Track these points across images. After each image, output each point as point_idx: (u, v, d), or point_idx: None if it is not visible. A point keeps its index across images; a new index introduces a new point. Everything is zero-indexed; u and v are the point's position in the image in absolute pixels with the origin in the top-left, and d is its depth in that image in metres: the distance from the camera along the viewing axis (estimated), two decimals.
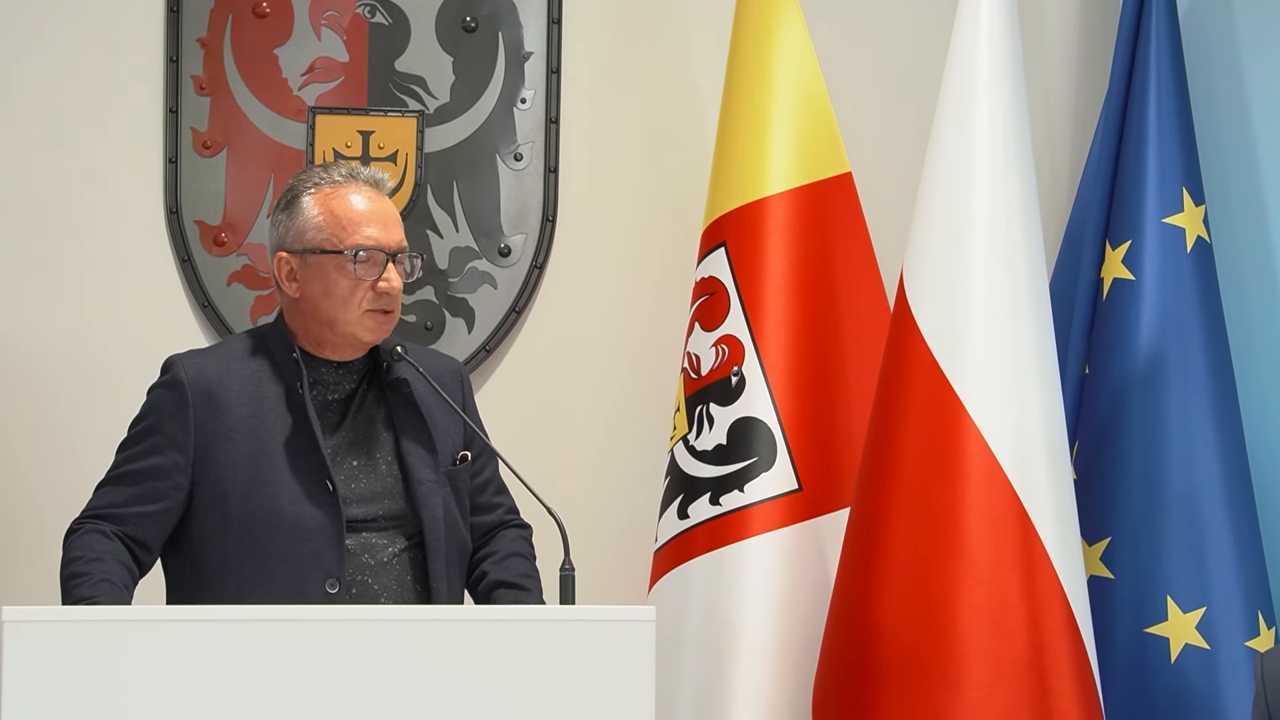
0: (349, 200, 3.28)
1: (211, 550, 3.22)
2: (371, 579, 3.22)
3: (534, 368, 4.13)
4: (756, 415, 3.81)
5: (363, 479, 3.26)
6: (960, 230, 3.64)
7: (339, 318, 3.26)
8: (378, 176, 3.33)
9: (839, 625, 3.67)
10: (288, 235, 3.29)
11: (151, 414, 3.27)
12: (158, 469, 3.22)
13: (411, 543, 3.27)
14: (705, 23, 4.16)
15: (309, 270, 3.27)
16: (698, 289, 3.93)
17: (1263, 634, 3.77)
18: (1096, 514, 3.84)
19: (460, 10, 4.13)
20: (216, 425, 3.23)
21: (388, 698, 2.73)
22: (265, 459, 3.22)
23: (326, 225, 3.26)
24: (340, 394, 3.30)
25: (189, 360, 3.29)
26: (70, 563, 3.15)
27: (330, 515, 3.20)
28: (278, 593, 3.16)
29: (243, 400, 3.25)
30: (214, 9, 4.07)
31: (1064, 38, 4.31)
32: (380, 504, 3.26)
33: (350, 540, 3.21)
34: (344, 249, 3.25)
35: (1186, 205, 3.92)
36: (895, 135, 4.15)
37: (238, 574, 3.19)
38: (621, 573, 4.00)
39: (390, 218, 3.29)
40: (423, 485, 3.27)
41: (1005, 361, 3.59)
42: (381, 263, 3.25)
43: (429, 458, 3.30)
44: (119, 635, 2.70)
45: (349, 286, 3.25)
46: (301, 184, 3.31)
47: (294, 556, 3.19)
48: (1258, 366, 4.00)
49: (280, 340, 3.30)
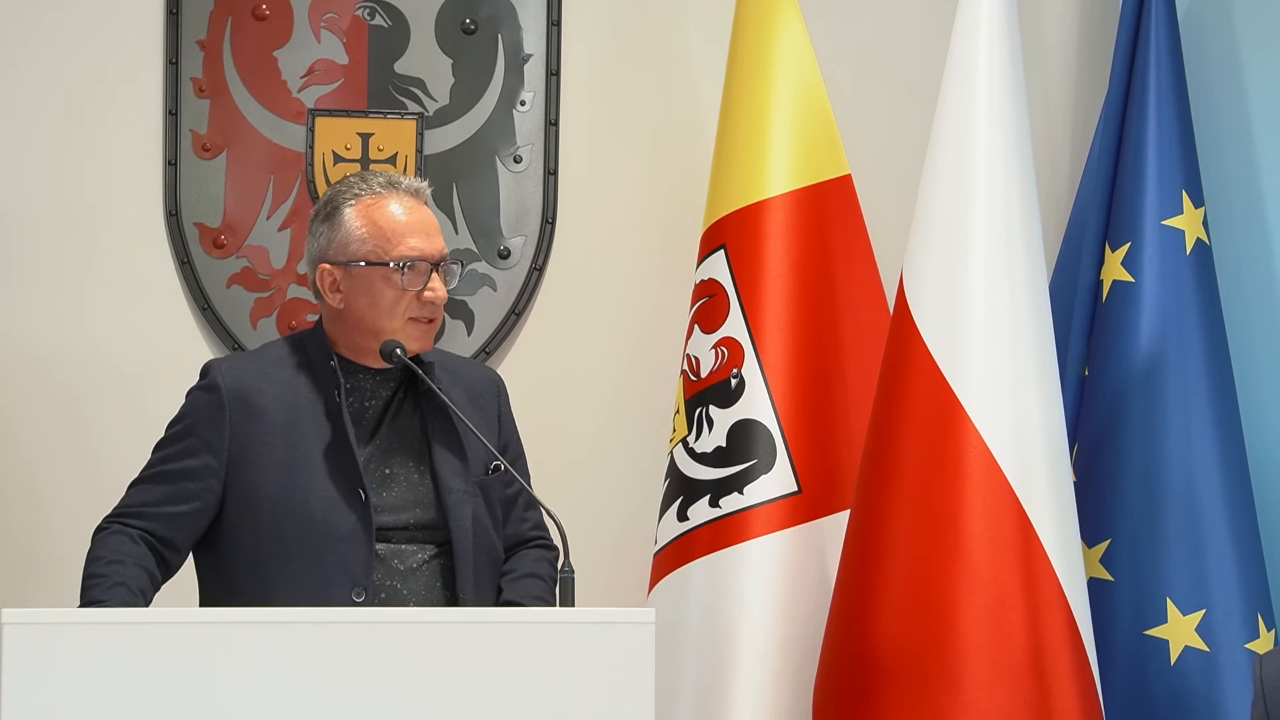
0: (390, 211, 3.29)
1: (240, 553, 3.23)
2: (401, 584, 3.24)
3: (533, 370, 4.13)
4: (756, 417, 3.81)
5: (395, 487, 3.28)
6: (960, 232, 3.64)
7: (385, 328, 3.27)
8: (417, 185, 3.35)
9: (839, 627, 3.66)
10: (330, 247, 3.30)
11: (188, 416, 3.29)
12: (191, 470, 3.24)
13: (441, 551, 3.28)
14: (705, 25, 4.17)
15: (354, 282, 3.28)
16: (697, 291, 3.93)
17: (1262, 636, 3.77)
18: (1096, 516, 3.84)
19: (460, 12, 4.13)
20: (252, 430, 3.25)
21: (388, 699, 2.73)
22: (299, 464, 3.23)
23: (371, 237, 3.27)
24: (376, 402, 3.31)
25: (227, 365, 3.33)
26: (92, 561, 3.17)
27: (361, 523, 3.22)
28: (303, 598, 3.16)
29: (279, 406, 3.26)
30: (213, 11, 4.07)
31: (1064, 39, 4.31)
32: (411, 512, 3.27)
33: (380, 547, 3.22)
34: (390, 260, 3.26)
35: (1186, 207, 3.92)
36: (895, 137, 4.15)
37: (264, 578, 3.20)
38: (621, 575, 4.00)
39: (432, 226, 3.32)
40: (453, 495, 3.28)
41: (1005, 364, 3.59)
42: (426, 272, 3.27)
43: (461, 467, 3.31)
44: (118, 638, 2.70)
45: (394, 297, 3.27)
46: (341, 195, 3.32)
47: (322, 562, 3.20)
48: (1257, 368, 4.00)
49: (319, 348, 3.32)
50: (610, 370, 4.16)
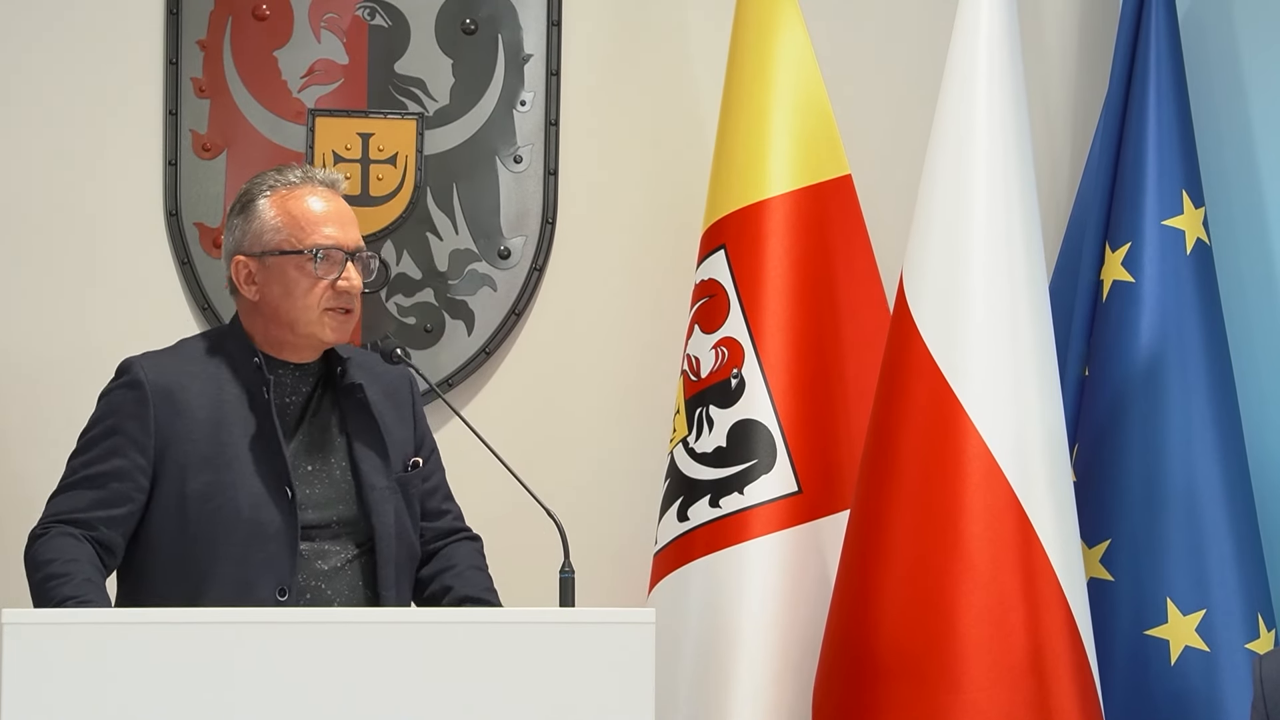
0: (306, 201, 3.27)
1: (164, 552, 3.19)
2: (325, 584, 3.21)
3: (533, 370, 4.13)
4: (756, 417, 3.81)
5: (317, 484, 3.25)
6: (960, 232, 3.64)
7: (299, 318, 3.25)
8: (333, 177, 3.33)
9: (839, 627, 3.67)
10: (245, 239, 3.28)
11: (110, 415, 3.23)
12: (120, 471, 3.19)
13: (362, 550, 3.26)
14: (705, 25, 4.16)
15: (268, 272, 3.26)
16: (697, 291, 3.93)
17: (1262, 636, 3.77)
18: (1096, 516, 3.84)
19: (460, 12, 4.13)
20: (177, 426, 3.21)
21: (389, 700, 2.73)
22: (226, 462, 3.20)
23: (285, 226, 3.26)
24: (297, 397, 3.29)
25: (147, 361, 3.27)
26: (44, 564, 3.11)
27: (287, 521, 3.19)
28: (228, 597, 3.13)
29: (203, 402, 3.23)
30: (214, 11, 4.07)
31: (1064, 40, 4.31)
32: (334, 509, 3.25)
33: (304, 546, 3.20)
34: (303, 248, 3.24)
35: (1186, 207, 3.92)
36: (895, 137, 4.15)
37: (190, 575, 3.16)
38: (621, 575, 4.00)
39: (347, 217, 3.29)
40: (375, 492, 3.26)
41: (1005, 364, 3.59)
42: (341, 261, 3.25)
43: (381, 464, 3.29)
44: (119, 638, 2.70)
45: (309, 286, 3.24)
46: (256, 187, 3.30)
47: (248, 561, 3.17)
48: (1257, 369, 4.00)
49: (240, 343, 3.29)
50: (610, 370, 4.16)
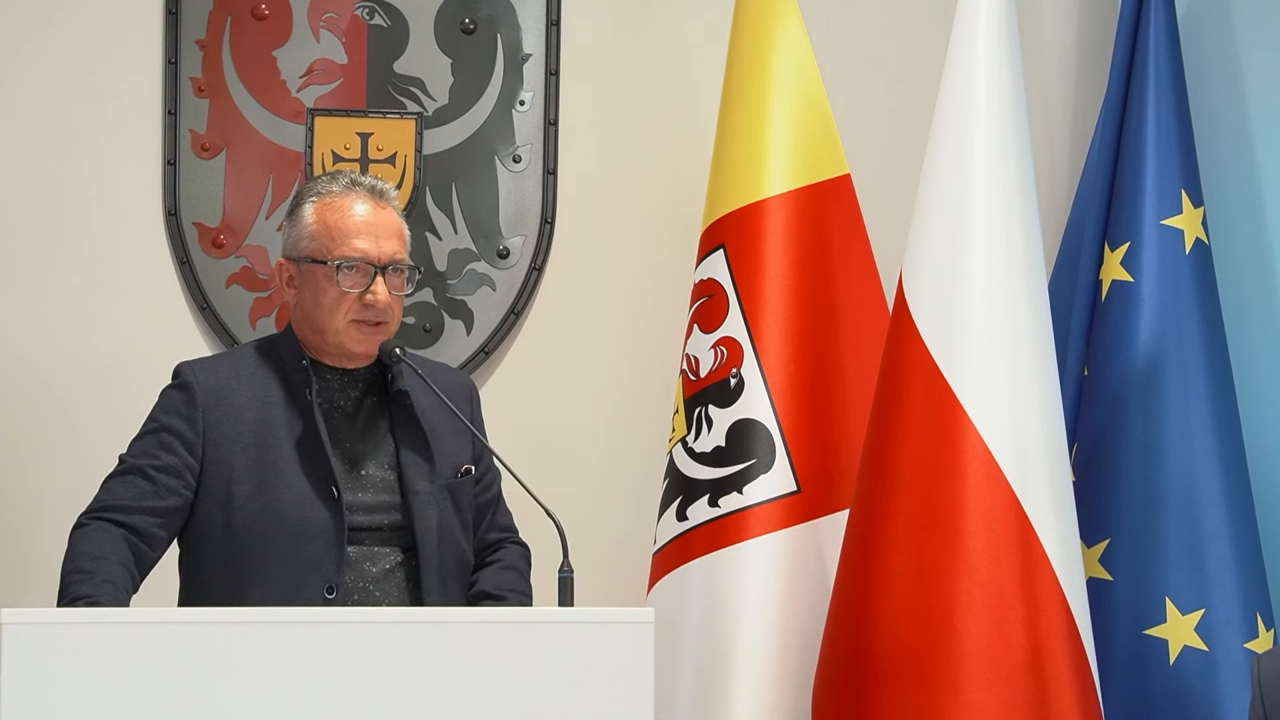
0: (344, 210, 3.29)
1: (213, 553, 3.24)
2: (374, 587, 3.24)
3: (533, 370, 4.13)
4: (755, 417, 3.81)
5: (370, 489, 3.28)
6: (959, 232, 3.64)
7: (326, 327, 3.28)
8: (381, 186, 3.34)
9: (838, 627, 3.66)
10: (288, 241, 3.34)
11: (161, 414, 3.29)
12: (167, 467, 3.23)
13: (408, 554, 3.28)
14: (704, 25, 4.17)
15: (303, 278, 3.30)
16: (696, 291, 3.93)
17: (1261, 636, 3.77)
18: (1095, 516, 3.84)
19: (459, 12, 4.13)
20: (224, 428, 3.25)
21: (388, 700, 2.73)
22: (271, 463, 3.24)
23: (318, 235, 3.28)
24: (346, 402, 3.32)
25: (199, 365, 3.34)
26: (75, 557, 3.15)
27: (334, 521, 3.22)
28: (275, 595, 3.16)
29: (251, 405, 3.27)
30: (212, 11, 4.07)
31: (1063, 39, 4.31)
32: (384, 514, 3.27)
33: (354, 549, 3.23)
34: (329, 260, 3.27)
35: (1185, 207, 3.92)
36: (894, 137, 4.15)
37: (237, 576, 3.21)
38: (620, 575, 4.00)
39: (384, 229, 3.30)
40: (418, 497, 3.28)
41: (1004, 363, 3.59)
42: (369, 275, 3.27)
43: (426, 469, 3.31)
44: (118, 637, 2.70)
45: (335, 297, 3.27)
46: (306, 191, 3.35)
47: (294, 560, 3.20)
48: (1256, 368, 4.00)
49: (290, 348, 3.33)
50: (609, 370, 4.16)
